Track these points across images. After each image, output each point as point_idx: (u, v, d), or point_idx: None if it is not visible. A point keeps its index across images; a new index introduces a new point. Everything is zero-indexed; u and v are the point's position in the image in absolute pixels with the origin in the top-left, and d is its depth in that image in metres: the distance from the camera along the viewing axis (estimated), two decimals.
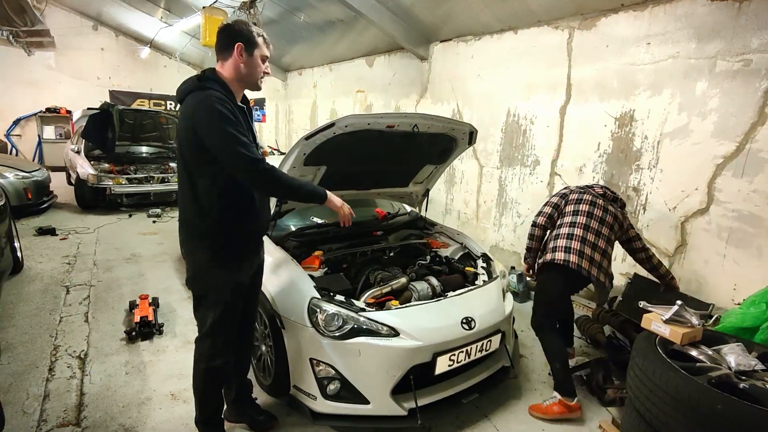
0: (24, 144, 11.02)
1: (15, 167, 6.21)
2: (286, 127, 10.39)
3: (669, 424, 1.75)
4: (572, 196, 2.79)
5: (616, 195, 2.89)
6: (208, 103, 1.72)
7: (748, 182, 2.93)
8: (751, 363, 1.85)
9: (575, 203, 2.75)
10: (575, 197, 2.78)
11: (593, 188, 2.83)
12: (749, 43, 2.88)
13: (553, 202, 2.83)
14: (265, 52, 1.90)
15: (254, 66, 1.88)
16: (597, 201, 2.74)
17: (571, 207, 2.75)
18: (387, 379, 2.16)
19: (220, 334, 1.99)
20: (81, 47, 11.29)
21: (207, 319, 1.97)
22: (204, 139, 1.73)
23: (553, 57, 4.15)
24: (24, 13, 6.19)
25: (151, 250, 5.26)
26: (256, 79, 1.92)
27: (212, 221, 1.86)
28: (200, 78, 1.83)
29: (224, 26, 1.88)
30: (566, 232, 2.65)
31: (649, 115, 3.47)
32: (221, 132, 1.71)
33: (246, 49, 1.84)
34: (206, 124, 1.72)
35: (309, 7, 6.43)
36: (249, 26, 1.87)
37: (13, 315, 3.45)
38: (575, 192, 2.82)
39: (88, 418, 2.38)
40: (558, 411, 2.51)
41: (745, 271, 2.97)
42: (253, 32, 1.85)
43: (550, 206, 2.82)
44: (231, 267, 1.94)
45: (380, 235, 3.36)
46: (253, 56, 1.87)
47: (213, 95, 1.75)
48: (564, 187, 2.95)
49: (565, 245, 2.59)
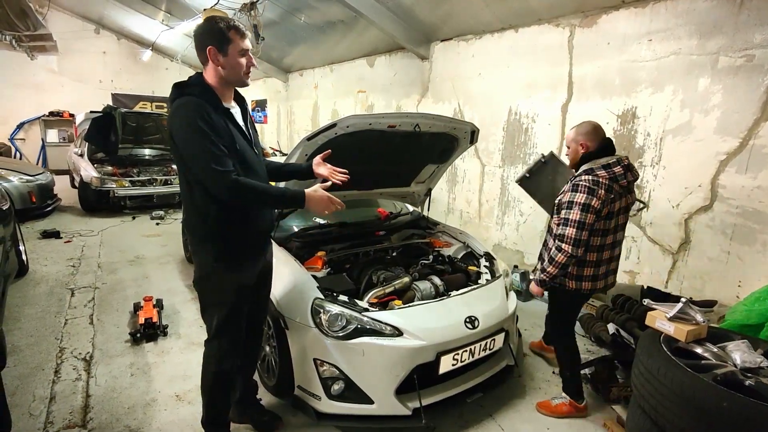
0: (28, 148, 11.08)
1: (19, 171, 6.25)
2: (287, 128, 10.40)
3: (674, 422, 1.74)
4: (604, 211, 2.26)
5: (635, 177, 2.37)
6: (181, 113, 1.70)
7: (752, 178, 2.92)
8: (756, 360, 1.84)
9: (605, 219, 2.30)
10: (606, 211, 2.28)
11: (618, 182, 2.28)
12: (751, 39, 2.87)
13: (590, 224, 2.23)
14: (242, 46, 1.76)
15: (233, 65, 1.77)
16: (621, 204, 2.34)
17: (601, 225, 2.30)
18: (391, 378, 2.16)
19: (226, 336, 1.99)
20: (83, 51, 11.34)
21: (213, 321, 1.97)
22: (179, 148, 1.72)
23: (554, 55, 4.14)
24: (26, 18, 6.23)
25: (154, 252, 5.28)
26: (239, 77, 1.82)
27: (212, 223, 1.85)
28: (181, 85, 1.79)
29: (194, 31, 1.79)
30: (595, 259, 2.35)
31: (651, 112, 3.46)
32: (192, 144, 1.69)
33: (219, 50, 1.74)
34: (179, 134, 1.71)
35: (309, 8, 6.44)
36: (218, 22, 1.74)
37: (19, 318, 3.47)
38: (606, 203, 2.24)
39: (93, 420, 2.39)
40: (566, 411, 2.54)
41: (750, 268, 2.96)
42: (222, 29, 1.72)
43: (587, 231, 2.24)
44: (234, 268, 1.94)
45: (383, 235, 3.36)
46: (229, 55, 1.75)
47: (189, 103, 1.70)
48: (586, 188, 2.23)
49: (593, 274, 2.37)
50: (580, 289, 2.40)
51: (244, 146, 1.87)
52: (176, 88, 1.79)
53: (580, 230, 2.21)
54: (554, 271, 2.32)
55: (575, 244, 2.22)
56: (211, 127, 1.70)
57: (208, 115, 1.71)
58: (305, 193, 1.83)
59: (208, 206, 1.83)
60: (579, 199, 2.22)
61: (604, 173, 2.25)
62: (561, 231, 2.27)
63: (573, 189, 2.27)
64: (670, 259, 3.41)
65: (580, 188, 2.24)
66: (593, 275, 2.38)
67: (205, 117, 1.69)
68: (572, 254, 2.23)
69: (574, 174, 2.40)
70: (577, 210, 2.21)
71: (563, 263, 2.28)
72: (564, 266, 2.30)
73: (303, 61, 8.96)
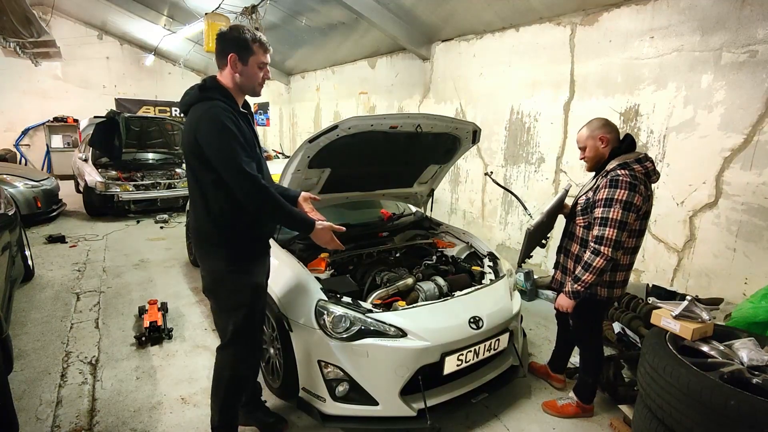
0: (33, 153, 11.18)
1: (24, 176, 6.30)
2: (290, 131, 10.43)
3: (681, 421, 1.72)
4: (643, 209, 2.14)
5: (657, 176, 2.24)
6: (211, 115, 1.71)
7: (756, 174, 2.90)
8: (763, 358, 1.83)
9: (643, 218, 2.19)
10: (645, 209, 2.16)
11: (650, 179, 2.16)
12: (755, 34, 2.85)
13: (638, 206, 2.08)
14: (261, 59, 1.83)
15: (250, 75, 1.83)
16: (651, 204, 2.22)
17: (637, 225, 2.17)
18: (395, 379, 2.16)
19: (242, 341, 1.99)
20: (87, 57, 11.43)
21: (228, 326, 1.96)
22: (205, 150, 1.73)
23: (556, 53, 4.13)
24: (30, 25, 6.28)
25: (159, 256, 5.31)
26: (253, 87, 1.88)
27: (224, 228, 1.87)
28: (201, 88, 1.81)
29: (219, 34, 1.84)
30: (628, 262, 2.24)
31: (654, 110, 3.44)
32: (222, 146, 1.71)
33: (240, 59, 1.80)
34: (208, 137, 1.72)
35: (311, 11, 6.46)
36: (244, 32, 1.80)
37: (26, 322, 3.49)
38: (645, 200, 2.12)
39: (100, 423, 2.40)
40: (573, 412, 2.53)
41: (756, 265, 2.94)
42: (247, 39, 1.79)
43: (634, 213, 2.07)
44: (247, 270, 1.95)
45: (386, 236, 3.35)
46: (249, 65, 1.81)
47: (216, 106, 1.73)
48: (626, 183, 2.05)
49: (624, 279, 2.27)
50: (611, 297, 2.26)
51: (255, 150, 1.90)
52: (200, 89, 1.80)
53: (621, 230, 2.02)
54: (591, 278, 2.10)
55: (615, 247, 2.03)
56: (239, 129, 1.75)
57: (236, 117, 1.76)
58: (314, 225, 1.90)
59: (222, 211, 1.84)
60: (620, 196, 2.02)
61: (640, 167, 2.09)
62: (599, 232, 2.07)
63: (611, 185, 2.07)
64: (676, 256, 3.39)
65: (620, 184, 2.04)
66: (624, 279, 2.26)
67: (235, 120, 1.75)
68: (612, 258, 2.05)
69: (606, 171, 2.20)
70: (618, 208, 2.02)
71: (602, 268, 2.08)
72: (602, 272, 2.10)
73: (305, 64, 8.99)
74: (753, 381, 1.72)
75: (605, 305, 2.41)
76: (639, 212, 2.09)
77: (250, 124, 1.93)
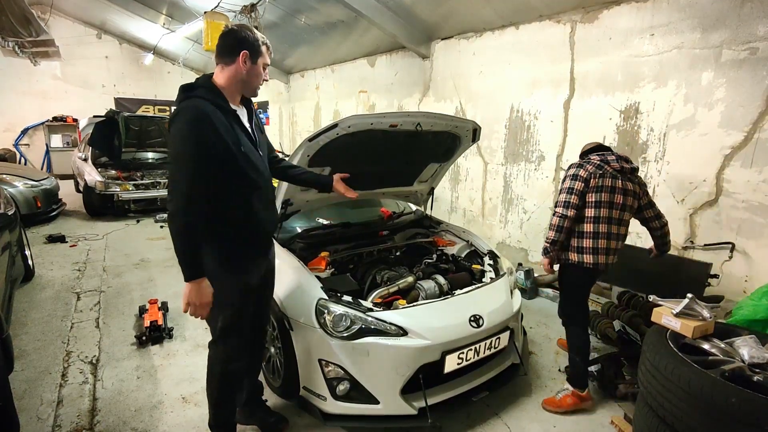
0: (32, 153, 11.16)
1: (24, 176, 6.29)
2: (290, 130, 10.42)
3: (682, 419, 1.73)
4: (592, 182, 2.51)
5: (632, 166, 2.60)
6: (180, 121, 1.70)
7: (757, 172, 2.90)
8: (764, 355, 1.83)
9: (596, 191, 2.50)
10: (595, 183, 2.51)
11: (609, 164, 2.53)
12: (755, 31, 2.84)
13: (579, 189, 2.51)
14: (267, 61, 1.90)
15: (256, 74, 1.88)
16: (617, 184, 2.51)
17: (593, 197, 2.51)
18: (396, 378, 2.16)
19: (230, 338, 1.99)
20: (86, 56, 11.41)
21: (217, 323, 1.97)
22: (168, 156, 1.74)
23: (556, 51, 4.13)
24: (29, 24, 6.27)
25: (159, 255, 5.31)
26: (255, 87, 1.92)
27: (214, 226, 1.86)
28: (187, 87, 1.80)
29: (229, 30, 1.85)
30: (591, 230, 2.51)
31: (654, 107, 3.44)
32: (175, 157, 1.72)
33: (250, 57, 1.83)
34: (171, 141, 1.74)
35: (310, 10, 6.44)
36: (254, 33, 1.84)
37: (26, 322, 3.49)
38: (594, 176, 2.51)
39: (101, 423, 2.40)
40: (571, 402, 2.53)
41: (757, 262, 2.94)
42: (258, 40, 1.84)
43: (576, 195, 2.52)
44: (237, 270, 1.95)
45: (386, 234, 3.35)
46: (256, 64, 1.86)
47: (190, 107, 1.71)
48: (576, 165, 2.58)
49: (592, 246, 2.49)
50: (582, 262, 2.51)
51: (249, 148, 1.89)
52: (183, 90, 1.79)
53: (569, 194, 2.51)
54: (552, 235, 2.53)
55: (565, 206, 2.51)
56: (213, 131, 1.71)
57: (210, 124, 1.71)
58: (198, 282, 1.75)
59: (213, 209, 1.82)
60: (570, 173, 2.58)
61: (596, 156, 2.58)
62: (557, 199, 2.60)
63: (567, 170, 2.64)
64: (677, 254, 3.38)
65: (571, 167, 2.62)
66: (593, 248, 2.50)
67: (210, 121, 1.70)
68: (563, 215, 2.49)
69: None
70: (568, 180, 2.55)
71: (557, 225, 2.52)
72: (558, 228, 2.51)
73: (304, 63, 8.98)
74: (754, 379, 1.73)
75: (584, 273, 2.57)
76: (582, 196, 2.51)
77: (242, 122, 1.90)
